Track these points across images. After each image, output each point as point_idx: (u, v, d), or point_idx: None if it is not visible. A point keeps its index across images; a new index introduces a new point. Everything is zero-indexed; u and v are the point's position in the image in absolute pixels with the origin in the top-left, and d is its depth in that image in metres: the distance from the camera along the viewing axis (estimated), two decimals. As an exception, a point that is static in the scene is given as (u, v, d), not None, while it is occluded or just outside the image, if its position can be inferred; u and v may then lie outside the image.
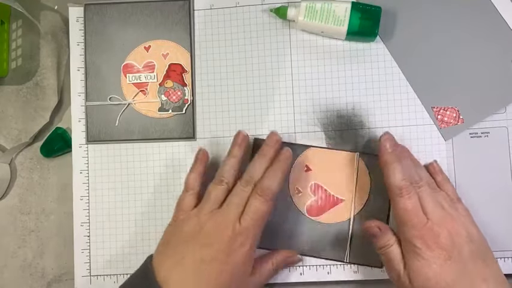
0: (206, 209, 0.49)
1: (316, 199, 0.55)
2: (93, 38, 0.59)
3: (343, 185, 0.55)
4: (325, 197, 0.55)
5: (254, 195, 0.49)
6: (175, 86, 0.58)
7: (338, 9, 0.54)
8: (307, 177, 0.56)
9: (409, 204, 0.48)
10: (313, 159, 0.56)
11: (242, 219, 0.48)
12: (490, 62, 0.55)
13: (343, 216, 0.55)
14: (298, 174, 0.56)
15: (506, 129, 0.55)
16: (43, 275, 0.59)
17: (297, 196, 0.56)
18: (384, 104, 0.56)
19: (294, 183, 0.56)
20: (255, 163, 0.51)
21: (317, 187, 0.56)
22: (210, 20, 0.58)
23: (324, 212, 0.55)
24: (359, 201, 0.55)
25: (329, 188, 0.55)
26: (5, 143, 0.61)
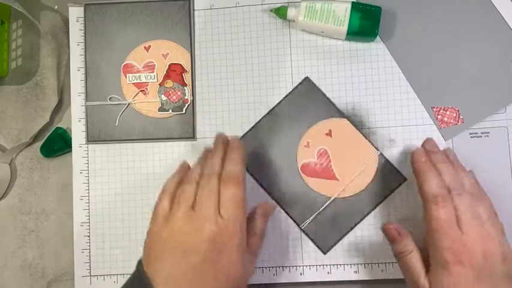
0: (180, 212, 0.46)
1: (316, 162, 0.55)
2: (93, 38, 0.59)
3: (347, 168, 0.55)
4: (325, 166, 0.55)
5: (223, 184, 0.46)
6: (175, 86, 0.58)
7: (338, 9, 0.54)
8: (322, 140, 0.56)
9: (443, 213, 0.45)
10: (339, 129, 0.55)
11: (221, 211, 0.45)
12: (490, 62, 0.55)
13: (328, 192, 0.55)
14: (316, 132, 0.56)
15: (506, 129, 0.55)
16: (43, 275, 0.59)
17: (302, 148, 0.56)
18: (384, 104, 0.56)
19: (308, 136, 0.56)
20: (210, 159, 0.49)
21: (324, 153, 0.55)
22: (210, 20, 0.58)
23: (314, 177, 0.55)
24: (350, 190, 0.55)
25: (333, 162, 0.55)
26: (5, 143, 0.61)
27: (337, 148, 0.55)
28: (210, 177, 0.47)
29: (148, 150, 0.58)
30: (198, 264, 0.44)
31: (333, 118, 0.55)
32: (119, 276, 0.57)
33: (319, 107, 0.56)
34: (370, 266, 0.55)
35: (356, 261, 0.55)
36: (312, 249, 0.56)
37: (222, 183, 0.46)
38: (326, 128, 0.56)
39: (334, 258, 0.55)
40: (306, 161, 0.56)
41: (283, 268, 0.56)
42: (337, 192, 0.55)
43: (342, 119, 0.55)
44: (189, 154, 0.58)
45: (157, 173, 0.58)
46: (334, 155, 0.55)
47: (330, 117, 0.56)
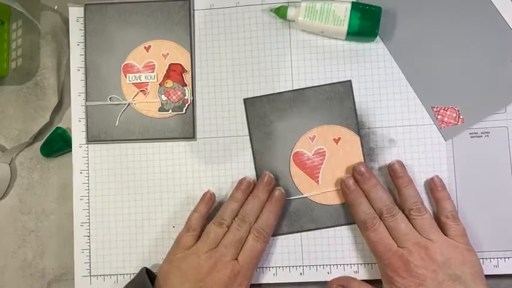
0: (204, 249, 0.51)
1: (310, 157, 0.56)
2: (93, 38, 0.59)
3: (332, 178, 0.55)
4: (314, 165, 0.55)
5: (251, 235, 0.52)
6: (175, 86, 0.58)
7: (338, 9, 0.54)
8: (327, 142, 0.56)
9: (373, 235, 0.50)
10: (348, 143, 0.55)
11: (240, 258, 0.51)
12: (490, 62, 0.55)
13: (303, 188, 0.55)
14: (327, 132, 0.56)
15: (506, 129, 0.55)
16: (43, 275, 0.59)
17: (306, 138, 0.56)
18: (384, 104, 0.56)
19: (318, 131, 0.56)
20: (248, 204, 0.53)
21: (321, 154, 0.56)
22: (210, 20, 0.58)
23: (300, 168, 0.56)
24: (322, 198, 0.55)
25: (324, 166, 0.55)
26: (5, 143, 0.61)
27: (335, 156, 0.55)
28: (241, 225, 0.52)
29: (148, 150, 0.58)
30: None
31: (348, 129, 0.55)
32: (119, 276, 0.57)
33: (342, 113, 0.56)
34: (370, 266, 0.55)
35: (356, 261, 0.55)
36: (312, 249, 0.56)
37: (252, 231, 0.52)
38: (337, 134, 0.55)
39: (334, 258, 0.55)
40: (301, 150, 0.56)
41: (283, 268, 0.56)
42: (311, 193, 0.55)
43: (356, 136, 0.55)
44: (189, 154, 0.58)
45: (157, 173, 0.58)
46: (328, 161, 0.55)
47: (347, 126, 0.55)
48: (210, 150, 0.57)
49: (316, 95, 0.56)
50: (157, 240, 0.57)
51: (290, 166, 0.56)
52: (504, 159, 0.54)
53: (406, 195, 0.52)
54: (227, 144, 0.57)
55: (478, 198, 0.54)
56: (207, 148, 0.57)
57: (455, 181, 0.55)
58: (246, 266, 0.51)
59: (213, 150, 0.57)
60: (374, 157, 0.56)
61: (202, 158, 0.57)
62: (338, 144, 0.55)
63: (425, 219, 0.50)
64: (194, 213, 0.54)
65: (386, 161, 0.55)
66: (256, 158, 0.56)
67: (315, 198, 0.55)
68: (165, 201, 0.57)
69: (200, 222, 0.54)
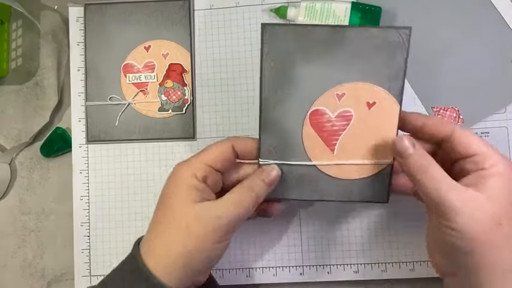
0: None
1: (331, 120, 0.44)
2: (93, 38, 0.59)
3: (353, 149, 0.45)
4: (334, 130, 0.45)
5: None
6: (175, 86, 0.58)
7: (338, 9, 0.54)
8: (358, 105, 0.44)
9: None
10: (384, 110, 0.44)
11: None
12: (490, 62, 0.55)
13: (313, 155, 0.45)
14: (361, 92, 0.43)
15: (506, 129, 0.55)
16: (43, 275, 0.59)
17: (332, 94, 0.44)
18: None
19: (350, 88, 0.44)
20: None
21: (347, 119, 0.44)
22: (210, 20, 0.58)
23: (316, 130, 0.45)
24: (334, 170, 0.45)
25: (347, 133, 0.44)
26: (5, 143, 0.61)
27: (363, 125, 0.44)
28: None
29: (148, 150, 0.58)
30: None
31: (389, 94, 0.43)
32: (119, 276, 0.57)
33: (388, 71, 0.43)
34: (370, 266, 0.55)
35: (356, 261, 0.55)
36: (312, 249, 0.56)
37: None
38: (373, 97, 0.43)
39: (334, 258, 0.55)
40: (323, 109, 0.44)
41: (283, 268, 0.56)
42: (322, 162, 0.45)
43: (396, 105, 0.43)
44: (189, 154, 0.58)
45: (157, 173, 0.58)
46: (353, 128, 0.44)
47: (388, 90, 0.43)
48: (210, 150, 0.57)
49: (361, 39, 0.43)
50: (157, 240, 0.57)
51: (304, 125, 0.45)
52: (504, 159, 0.54)
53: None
54: (227, 144, 0.57)
55: (478, 198, 0.54)
56: (207, 148, 0.57)
57: (455, 181, 0.55)
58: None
59: (213, 150, 0.57)
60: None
61: (202, 158, 0.57)
62: (371, 110, 0.44)
63: None
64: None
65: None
66: (263, 108, 0.45)
67: (325, 169, 0.45)
68: (165, 201, 0.57)
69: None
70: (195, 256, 0.41)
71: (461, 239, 0.38)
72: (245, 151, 0.46)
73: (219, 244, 0.41)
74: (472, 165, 0.40)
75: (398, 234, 0.55)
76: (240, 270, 0.56)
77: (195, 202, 0.41)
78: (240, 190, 0.43)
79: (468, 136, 0.41)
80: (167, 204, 0.42)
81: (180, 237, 0.40)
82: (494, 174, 0.39)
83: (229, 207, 0.41)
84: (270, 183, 0.44)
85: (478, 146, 0.40)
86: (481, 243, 0.38)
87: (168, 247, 0.41)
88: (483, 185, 0.38)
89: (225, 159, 0.44)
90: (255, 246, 0.56)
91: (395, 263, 0.54)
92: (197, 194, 0.41)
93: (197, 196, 0.41)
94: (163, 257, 0.41)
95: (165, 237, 0.41)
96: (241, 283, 0.56)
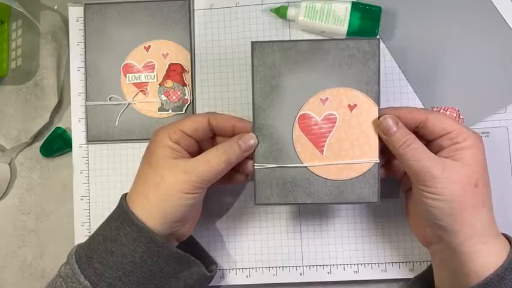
0: None
1: (318, 123, 0.48)
2: (93, 38, 0.59)
3: (340, 150, 0.48)
4: (322, 133, 0.48)
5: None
6: (175, 86, 0.58)
7: (338, 9, 0.54)
8: (341, 107, 0.48)
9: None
10: (364, 111, 0.48)
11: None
12: (490, 62, 0.55)
13: (304, 156, 0.48)
14: (342, 96, 0.48)
15: (506, 129, 0.55)
16: (43, 275, 0.59)
17: (317, 100, 0.48)
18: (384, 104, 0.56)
19: (332, 93, 0.48)
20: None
21: (332, 121, 0.48)
22: (210, 20, 0.58)
23: (304, 133, 0.48)
24: (323, 170, 0.48)
25: (333, 135, 0.48)
26: (5, 143, 0.61)
27: (347, 126, 0.48)
28: None
29: (148, 150, 0.58)
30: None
31: (367, 97, 0.48)
32: (119, 276, 0.57)
33: (364, 76, 0.48)
34: (370, 266, 0.55)
35: (356, 261, 0.55)
36: (312, 249, 0.56)
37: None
38: (354, 100, 0.48)
39: (334, 258, 0.55)
40: (309, 113, 0.48)
41: (283, 268, 0.56)
42: (312, 163, 0.48)
43: (375, 106, 0.48)
44: (189, 154, 0.58)
45: (157, 173, 0.58)
46: (338, 130, 0.48)
47: (366, 93, 0.48)
48: (210, 150, 0.57)
49: (337, 50, 0.48)
50: (157, 240, 0.57)
51: (294, 129, 0.48)
52: (504, 159, 0.54)
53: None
54: (227, 144, 0.57)
55: (478, 198, 0.54)
56: (207, 148, 0.57)
57: (455, 181, 0.55)
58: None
59: (213, 150, 0.57)
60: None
61: (202, 158, 0.57)
62: (352, 112, 0.48)
63: None
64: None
65: (386, 161, 0.55)
66: (256, 115, 0.49)
67: (316, 170, 0.48)
68: (165, 201, 0.57)
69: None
70: (168, 203, 0.46)
71: (441, 201, 0.43)
72: (224, 128, 0.50)
73: (189, 195, 0.46)
74: (447, 141, 0.45)
75: (398, 234, 0.55)
76: (240, 270, 0.56)
77: (170, 158, 0.47)
78: (212, 151, 0.48)
79: (442, 118, 0.46)
80: (147, 159, 0.49)
81: (156, 186, 0.46)
82: (467, 146, 0.44)
83: (199, 164, 0.47)
84: (245, 149, 0.48)
85: (451, 125, 0.45)
86: (459, 204, 0.43)
87: (147, 195, 0.47)
88: (458, 155, 0.44)
89: (197, 129, 0.49)
90: (255, 246, 0.56)
91: (395, 263, 0.54)
92: (172, 152, 0.47)
93: (172, 154, 0.47)
94: (144, 204, 0.47)
95: (145, 187, 0.47)
96: (241, 283, 0.56)
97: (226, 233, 0.57)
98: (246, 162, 0.50)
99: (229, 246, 0.56)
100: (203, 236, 0.56)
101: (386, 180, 0.51)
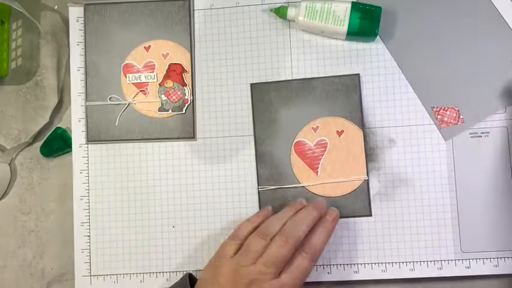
0: (243, 263, 0.48)
1: (311, 148, 0.56)
2: (93, 38, 0.59)
3: (332, 171, 0.55)
4: (315, 156, 0.56)
5: (303, 254, 0.48)
6: (175, 86, 0.58)
7: (338, 9, 0.54)
8: (330, 133, 0.56)
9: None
10: (351, 136, 0.55)
11: (284, 276, 0.48)
12: (490, 62, 0.55)
13: (302, 178, 0.56)
14: (331, 124, 0.56)
15: (506, 129, 0.55)
16: (43, 275, 0.59)
17: (309, 129, 0.56)
18: (384, 104, 0.56)
19: (322, 122, 0.56)
20: (295, 220, 0.50)
21: (323, 146, 0.56)
22: (210, 20, 0.58)
23: (300, 157, 0.56)
24: (319, 189, 0.55)
25: (325, 157, 0.56)
26: (5, 143, 0.61)
27: (336, 149, 0.55)
28: (289, 241, 0.48)
29: (148, 150, 0.58)
30: None
31: (352, 123, 0.55)
32: (119, 276, 0.57)
33: (348, 106, 0.55)
34: (370, 266, 0.55)
35: (356, 261, 0.55)
36: (312, 249, 0.56)
37: (301, 250, 0.49)
38: (341, 126, 0.56)
39: (334, 258, 0.55)
40: (303, 140, 0.56)
41: (283, 268, 0.56)
42: (309, 183, 0.55)
43: (359, 130, 0.55)
44: (188, 154, 0.58)
45: (157, 173, 0.58)
46: (329, 153, 0.55)
47: (351, 120, 0.55)
48: (210, 150, 0.57)
49: (323, 85, 0.56)
50: (157, 240, 0.57)
51: (291, 155, 0.56)
52: (504, 159, 0.54)
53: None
54: (227, 144, 0.57)
55: (478, 198, 0.54)
56: (207, 148, 0.57)
57: (455, 181, 0.55)
58: (287, 285, 0.47)
59: (213, 150, 0.57)
60: (374, 157, 0.56)
61: (202, 158, 0.57)
62: (341, 137, 0.55)
63: None
64: (246, 222, 0.52)
65: (386, 161, 0.55)
66: (257, 144, 0.56)
67: (313, 189, 0.55)
68: (165, 201, 0.57)
69: (249, 234, 0.51)
70: None
71: None
72: None
73: None
74: None
75: (398, 234, 0.55)
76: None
77: None
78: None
79: None
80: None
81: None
82: None
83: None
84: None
85: None
86: None
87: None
88: None
89: None
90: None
91: (395, 263, 0.54)
92: None
93: None
94: None
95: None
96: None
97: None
98: None
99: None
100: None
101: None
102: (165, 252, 0.57)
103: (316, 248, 0.49)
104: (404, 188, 0.55)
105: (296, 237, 0.48)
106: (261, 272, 0.47)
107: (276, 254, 0.47)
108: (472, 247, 0.54)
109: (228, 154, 0.57)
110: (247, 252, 0.49)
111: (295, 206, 0.52)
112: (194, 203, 0.57)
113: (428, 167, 0.55)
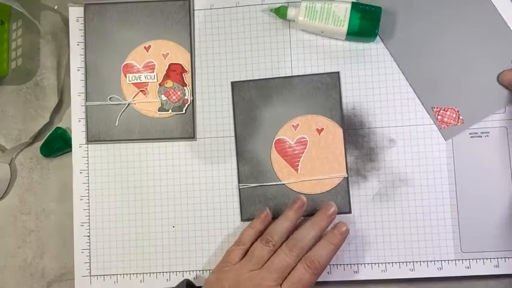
0: (247, 268, 0.49)
1: (292, 146, 0.56)
2: (93, 38, 0.59)
3: (312, 168, 0.55)
4: (295, 154, 0.56)
5: (302, 264, 0.49)
6: (175, 86, 0.58)
7: (338, 9, 0.54)
8: (310, 131, 0.56)
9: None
10: (331, 133, 0.56)
11: (283, 285, 0.48)
12: (490, 62, 0.55)
13: (282, 175, 0.56)
14: (311, 122, 0.56)
15: (506, 129, 0.55)
16: (43, 275, 0.59)
17: (289, 126, 0.56)
18: (384, 104, 0.56)
19: (302, 120, 0.56)
20: (304, 229, 0.50)
21: (303, 143, 0.56)
22: (210, 20, 0.58)
23: (281, 155, 0.56)
24: (299, 186, 0.55)
25: (305, 155, 0.56)
26: (5, 143, 0.61)
27: (317, 147, 0.56)
28: (291, 251, 0.49)
29: (148, 150, 0.58)
30: None
31: (332, 121, 0.55)
32: (119, 276, 0.57)
33: (327, 103, 0.56)
34: (370, 266, 0.55)
35: (356, 261, 0.55)
36: (312, 249, 0.56)
37: (304, 261, 0.49)
38: (321, 124, 0.56)
39: (334, 258, 0.55)
40: (284, 137, 0.56)
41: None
42: (289, 180, 0.55)
43: (339, 128, 0.55)
44: (188, 154, 0.58)
45: (157, 173, 0.58)
46: (310, 150, 0.56)
47: (331, 118, 0.56)
48: (210, 150, 0.57)
49: (304, 83, 0.56)
50: (157, 240, 0.57)
51: (271, 152, 0.56)
52: (504, 159, 0.54)
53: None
54: (227, 144, 0.57)
55: (478, 198, 0.54)
56: (207, 148, 0.57)
57: (455, 181, 0.55)
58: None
59: (213, 150, 0.57)
60: (374, 157, 0.56)
61: (202, 158, 0.57)
62: (320, 134, 0.56)
63: None
64: (248, 228, 0.53)
65: (386, 161, 0.55)
66: (238, 142, 0.56)
67: (293, 186, 0.55)
68: (165, 201, 0.57)
69: (252, 239, 0.52)
70: None
71: None
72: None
73: None
74: None
75: (398, 234, 0.55)
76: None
77: None
78: None
79: None
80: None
81: None
82: None
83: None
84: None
85: None
86: None
87: None
88: None
89: None
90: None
91: (395, 263, 0.54)
92: None
93: None
94: None
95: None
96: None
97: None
98: None
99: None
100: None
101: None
102: (165, 252, 0.57)
103: (319, 263, 0.49)
104: (404, 188, 0.55)
105: (302, 248, 0.49)
106: (264, 277, 0.48)
107: (281, 262, 0.49)
108: (472, 247, 0.54)
109: (228, 154, 0.57)
110: (252, 258, 0.50)
111: (296, 206, 0.52)
112: (194, 203, 0.57)
113: (428, 167, 0.55)
